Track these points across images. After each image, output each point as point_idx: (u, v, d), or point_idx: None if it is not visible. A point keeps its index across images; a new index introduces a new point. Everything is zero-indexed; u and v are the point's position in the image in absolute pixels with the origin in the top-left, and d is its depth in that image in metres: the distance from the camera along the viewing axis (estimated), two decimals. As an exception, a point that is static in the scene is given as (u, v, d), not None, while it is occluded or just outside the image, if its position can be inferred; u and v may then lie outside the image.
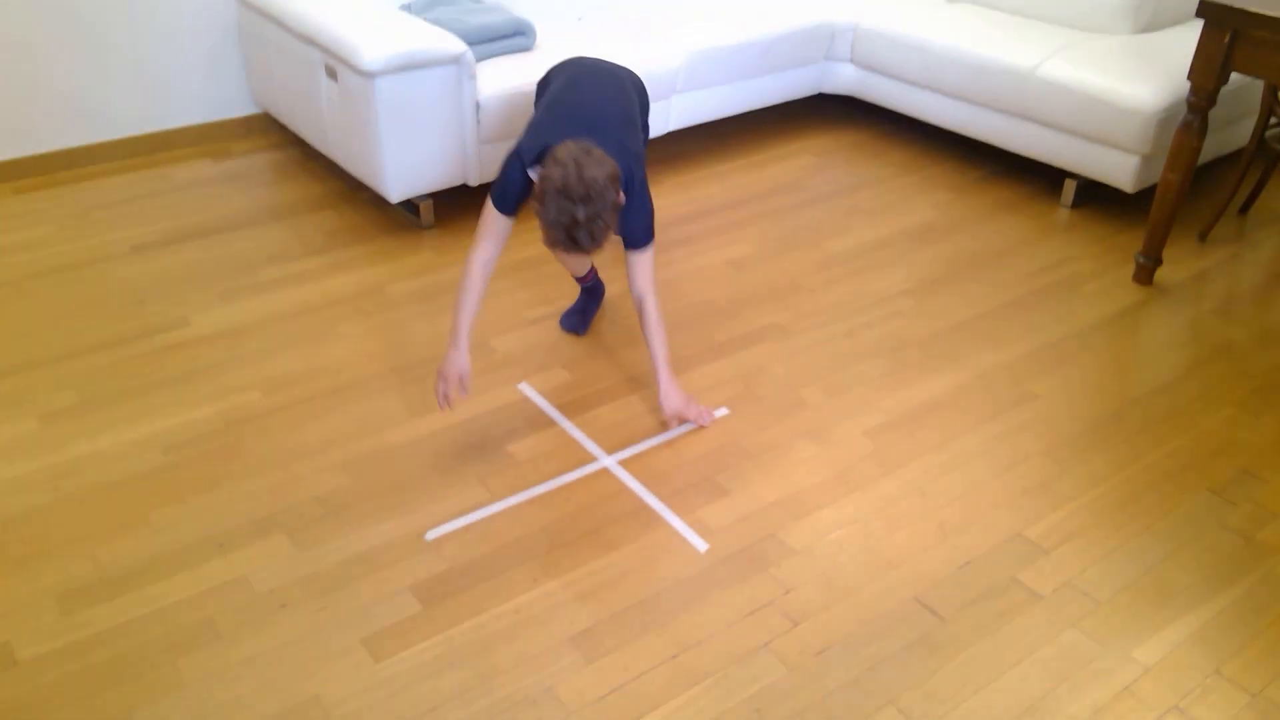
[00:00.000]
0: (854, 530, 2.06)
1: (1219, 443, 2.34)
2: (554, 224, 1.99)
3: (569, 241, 2.02)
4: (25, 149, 3.38)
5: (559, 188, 1.96)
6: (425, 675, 1.72)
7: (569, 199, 1.96)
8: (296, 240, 3.08)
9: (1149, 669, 1.78)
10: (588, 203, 1.97)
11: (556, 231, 2.00)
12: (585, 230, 1.99)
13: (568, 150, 2.01)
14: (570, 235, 2.00)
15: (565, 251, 2.09)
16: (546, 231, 2.03)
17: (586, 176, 1.97)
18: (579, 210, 1.97)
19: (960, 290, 2.93)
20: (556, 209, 1.97)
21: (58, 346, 2.55)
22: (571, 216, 1.97)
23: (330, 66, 2.99)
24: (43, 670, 1.71)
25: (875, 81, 3.84)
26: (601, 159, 2.01)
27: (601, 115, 2.22)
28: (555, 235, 2.01)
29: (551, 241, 2.04)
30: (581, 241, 2.01)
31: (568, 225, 1.98)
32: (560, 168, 1.98)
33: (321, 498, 2.10)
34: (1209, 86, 2.69)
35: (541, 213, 2.00)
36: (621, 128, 2.24)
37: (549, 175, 1.99)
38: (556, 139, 2.08)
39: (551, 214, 1.98)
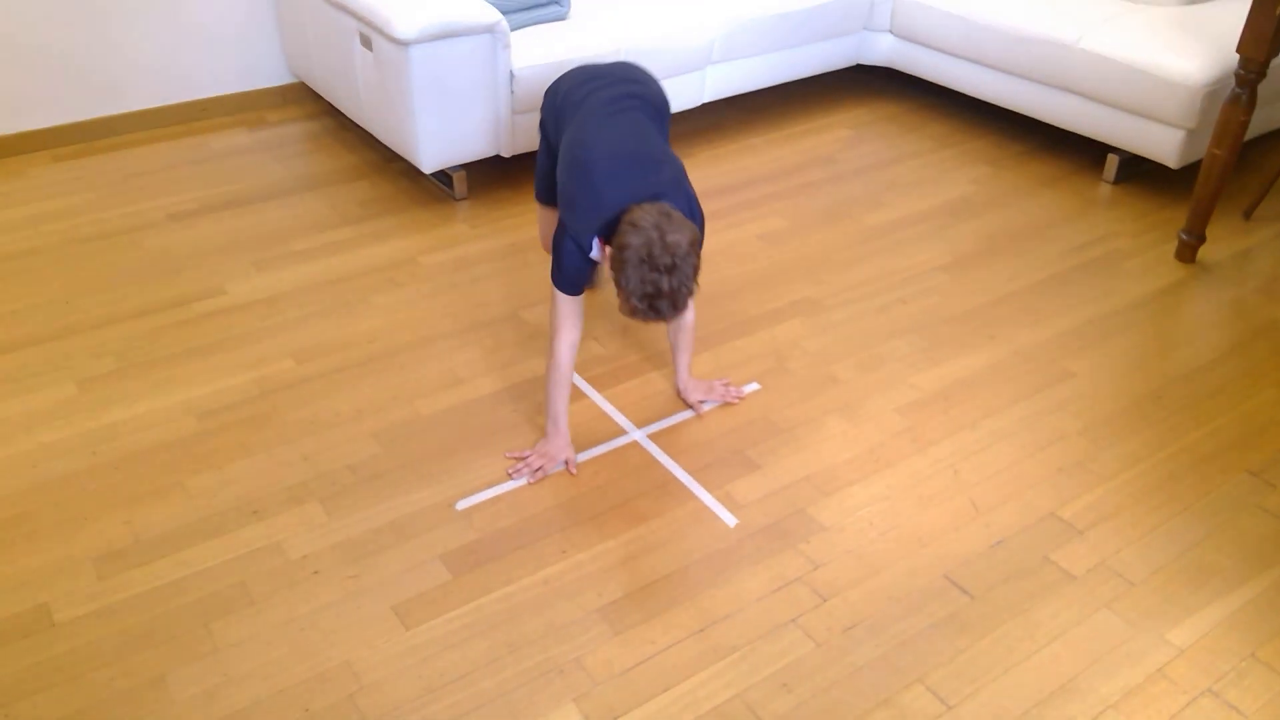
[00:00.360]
0: (885, 507, 2.05)
1: (1260, 424, 2.30)
2: (637, 295, 1.84)
3: (650, 312, 1.86)
4: (63, 117, 3.41)
5: (643, 258, 1.81)
6: (454, 643, 1.74)
7: (654, 269, 1.81)
8: (331, 210, 3.09)
9: (1183, 651, 1.76)
10: (673, 272, 1.82)
11: (639, 303, 1.85)
12: (669, 300, 1.84)
13: (647, 217, 1.84)
14: (654, 306, 1.85)
15: (643, 321, 1.92)
16: (627, 303, 1.86)
17: (670, 242, 1.82)
18: (664, 281, 1.82)
19: (998, 266, 2.88)
20: (639, 280, 1.82)
21: (96, 313, 2.58)
22: (656, 287, 1.82)
23: (365, 35, 2.99)
24: (79, 632, 1.74)
25: (914, 52, 3.78)
26: (681, 223, 1.85)
27: (652, 164, 2.01)
28: (637, 306, 1.86)
29: (631, 311, 1.88)
30: (664, 312, 1.86)
31: (652, 296, 1.83)
32: (641, 235, 1.82)
33: (354, 466, 2.11)
34: (1259, 59, 2.62)
35: (623, 282, 1.85)
36: (673, 168, 2.03)
37: (629, 245, 1.82)
38: (614, 207, 1.91)
39: (634, 285, 1.83)
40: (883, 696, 1.67)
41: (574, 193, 2.00)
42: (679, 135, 3.63)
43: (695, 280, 1.87)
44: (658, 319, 1.89)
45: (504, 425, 2.24)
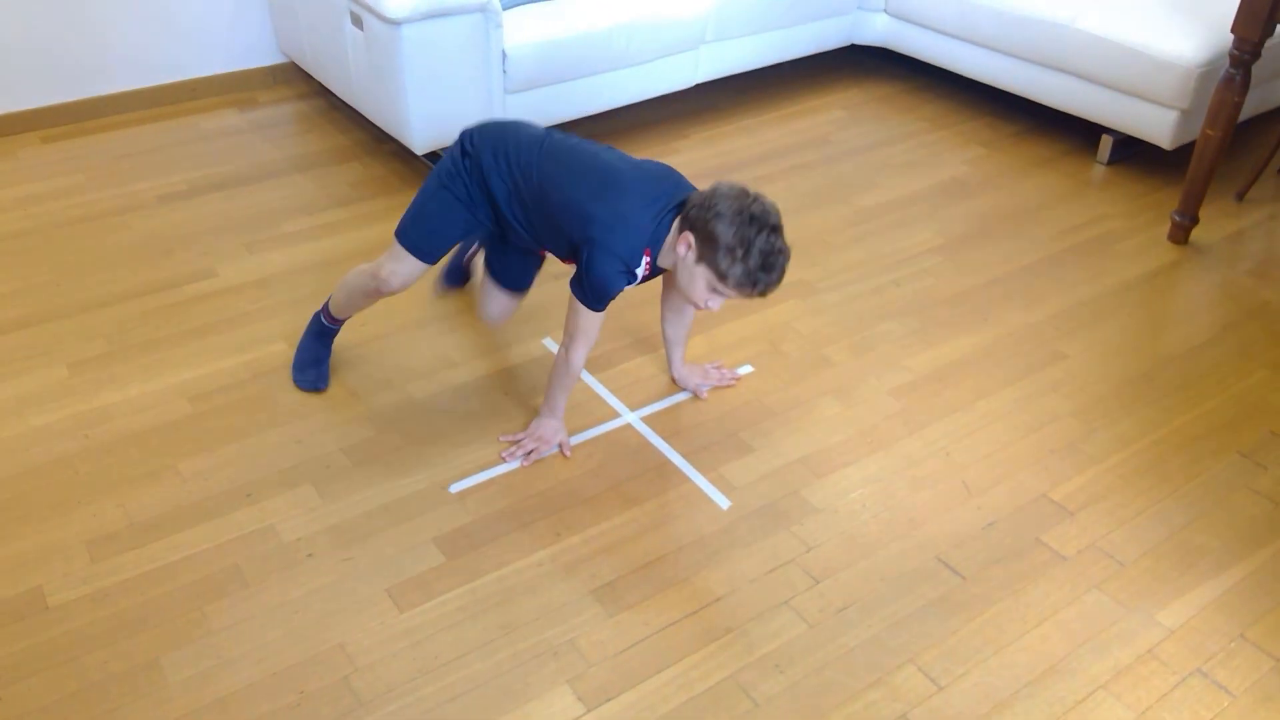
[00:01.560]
0: (877, 489, 2.05)
1: (1250, 406, 2.31)
2: (757, 262, 1.74)
3: (772, 276, 1.76)
4: (53, 97, 3.38)
5: (749, 219, 1.73)
6: (448, 626, 1.74)
7: (765, 228, 1.74)
8: (322, 192, 3.08)
9: (1172, 632, 1.77)
10: (781, 231, 1.77)
11: (760, 271, 1.75)
12: (786, 258, 1.77)
13: (725, 190, 1.78)
14: (774, 266, 1.76)
15: (753, 295, 1.80)
16: (738, 264, 1.74)
17: (766, 204, 1.77)
18: (778, 240, 1.76)
19: (991, 248, 2.88)
20: (754, 245, 1.73)
21: (87, 295, 2.57)
22: (772, 246, 1.75)
23: (356, 14, 2.96)
24: (72, 615, 1.74)
25: (909, 32, 3.76)
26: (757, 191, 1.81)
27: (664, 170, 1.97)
28: (757, 276, 1.75)
29: (746, 283, 1.76)
30: (781, 272, 1.78)
31: (770, 254, 1.74)
32: (734, 204, 1.75)
33: (347, 449, 2.11)
34: (1253, 39, 2.62)
35: (732, 256, 1.74)
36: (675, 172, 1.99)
37: (722, 214, 1.74)
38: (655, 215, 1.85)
39: (751, 251, 1.73)
40: (875, 677, 1.68)
41: (608, 214, 1.84)
42: (672, 116, 3.61)
43: None
44: (773, 285, 1.78)
45: (497, 408, 2.24)
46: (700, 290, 1.83)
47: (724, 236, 1.74)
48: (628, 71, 3.30)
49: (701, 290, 1.83)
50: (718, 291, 1.82)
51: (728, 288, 1.79)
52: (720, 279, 1.79)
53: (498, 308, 2.25)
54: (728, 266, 1.76)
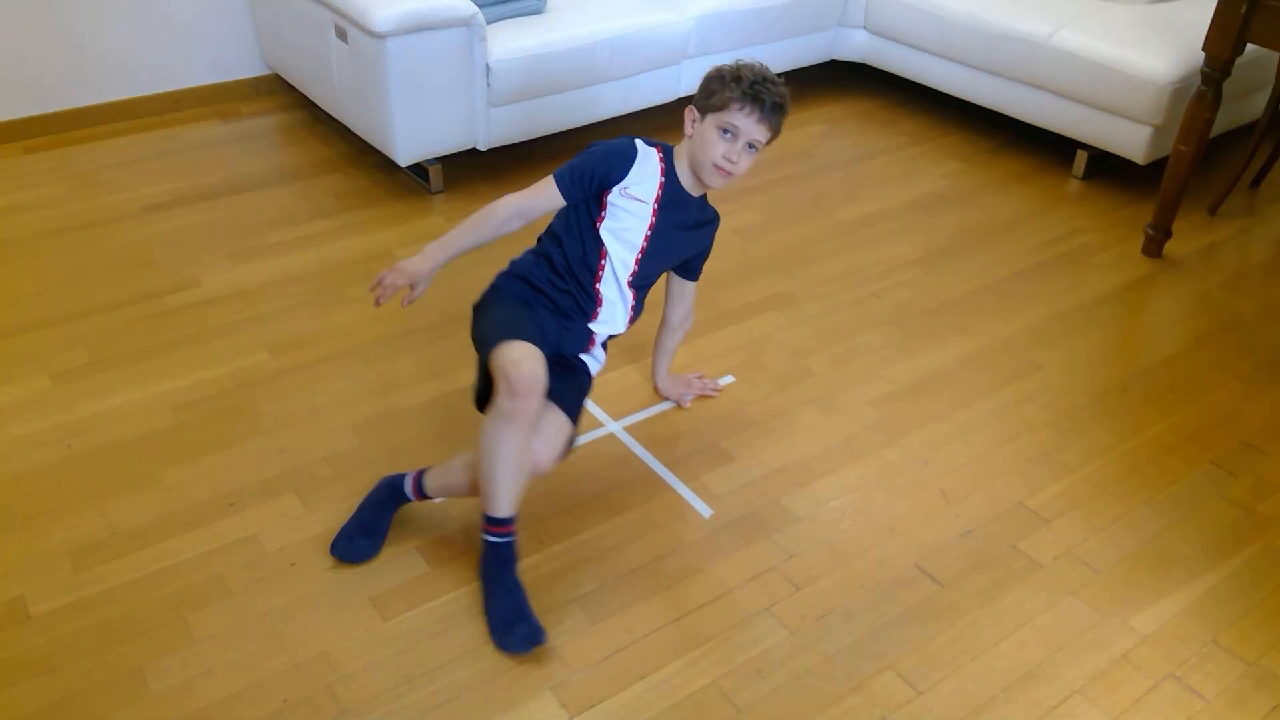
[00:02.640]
0: (857, 498, 2.08)
1: (1222, 416, 2.35)
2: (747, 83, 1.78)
3: (764, 89, 1.78)
4: (36, 108, 3.38)
5: (734, 67, 1.82)
6: (432, 634, 1.75)
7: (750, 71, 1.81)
8: (306, 203, 3.09)
9: (1146, 637, 1.80)
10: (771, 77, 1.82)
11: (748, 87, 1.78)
12: (777, 88, 1.81)
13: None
14: (763, 87, 1.79)
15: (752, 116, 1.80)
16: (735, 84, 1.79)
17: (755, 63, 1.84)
18: (763, 70, 1.81)
19: (968, 261, 2.92)
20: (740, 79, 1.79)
21: (69, 305, 2.56)
22: (760, 75, 1.80)
23: (340, 27, 2.98)
24: (55, 625, 1.74)
25: (888, 48, 3.81)
26: None
27: None
28: (747, 81, 1.79)
29: (743, 89, 1.78)
30: (774, 96, 1.80)
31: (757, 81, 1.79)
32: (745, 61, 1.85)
33: (330, 459, 2.12)
34: (1224, 57, 2.67)
35: (724, 79, 1.81)
36: None
37: (713, 73, 1.84)
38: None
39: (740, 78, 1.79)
40: (854, 682, 1.70)
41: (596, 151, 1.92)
42: (655, 129, 3.64)
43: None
44: (777, 93, 1.81)
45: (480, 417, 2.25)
46: (715, 143, 1.83)
47: (713, 80, 1.83)
48: (611, 85, 3.33)
49: (716, 142, 1.83)
50: (731, 131, 1.82)
51: (732, 114, 1.80)
52: (723, 109, 1.81)
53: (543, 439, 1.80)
54: (725, 94, 1.80)
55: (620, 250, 1.91)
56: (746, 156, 1.85)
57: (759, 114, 1.80)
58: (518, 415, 1.66)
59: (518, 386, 1.64)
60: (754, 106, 1.80)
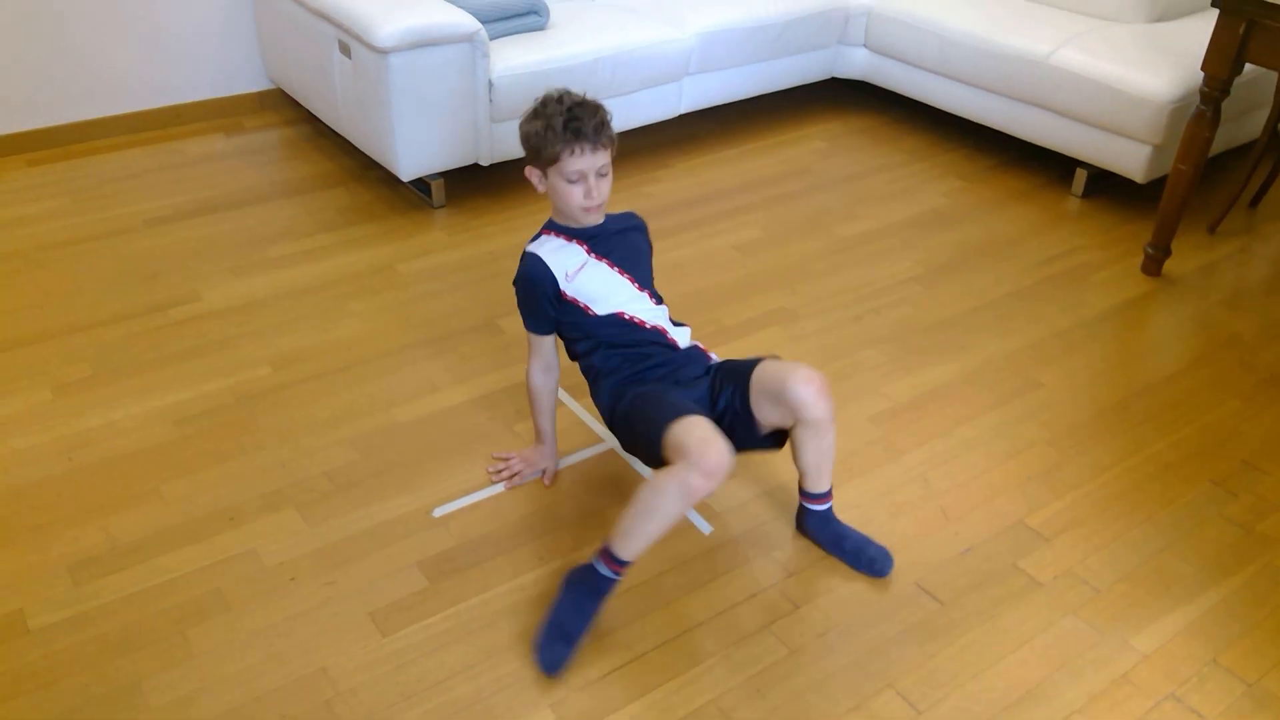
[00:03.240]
0: (857, 515, 2.08)
1: (1222, 434, 2.35)
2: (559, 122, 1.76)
3: (572, 121, 1.75)
4: (39, 121, 3.39)
5: (542, 100, 1.81)
6: (431, 650, 1.75)
7: (559, 97, 1.79)
8: (308, 217, 3.10)
9: (1146, 657, 1.80)
10: (568, 94, 1.81)
11: (562, 128, 1.76)
12: (585, 108, 1.77)
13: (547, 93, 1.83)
14: (574, 115, 1.76)
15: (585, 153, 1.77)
16: (549, 132, 1.77)
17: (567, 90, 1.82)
18: (565, 98, 1.79)
19: (968, 278, 2.93)
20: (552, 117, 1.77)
21: (71, 318, 2.57)
22: (570, 100, 1.78)
23: (344, 42, 3.00)
24: (54, 639, 1.74)
25: (888, 66, 3.83)
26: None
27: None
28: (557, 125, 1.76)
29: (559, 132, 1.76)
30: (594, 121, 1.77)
31: (569, 107, 1.77)
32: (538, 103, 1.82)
33: (331, 473, 2.12)
34: (1223, 77, 2.68)
35: (539, 132, 1.79)
36: None
37: (522, 124, 1.83)
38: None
39: (552, 120, 1.77)
40: (854, 702, 1.70)
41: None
42: (657, 146, 3.66)
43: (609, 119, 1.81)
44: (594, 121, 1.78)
45: (481, 432, 2.25)
46: (570, 192, 1.83)
47: (530, 130, 1.80)
48: (612, 101, 3.33)
49: (570, 190, 1.83)
50: (574, 176, 1.81)
51: (567, 161, 1.78)
52: (555, 160, 1.80)
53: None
54: (549, 145, 1.78)
55: (615, 291, 1.95)
56: (603, 183, 1.85)
57: (589, 146, 1.79)
58: (699, 494, 1.63)
59: (710, 468, 1.61)
60: (581, 143, 1.78)
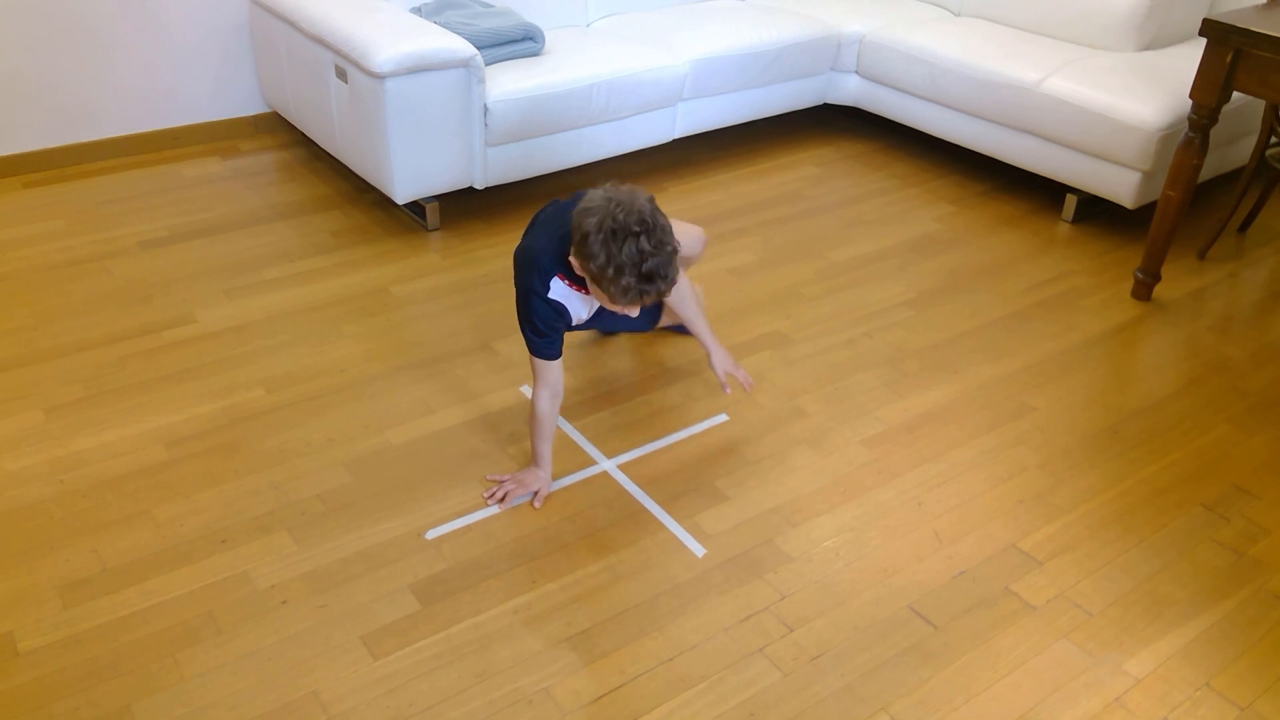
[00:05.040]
0: (850, 538, 2.08)
1: (1213, 459, 2.36)
2: (630, 273, 1.73)
3: (646, 284, 1.74)
4: (36, 143, 3.40)
5: (611, 231, 1.72)
6: (423, 673, 1.74)
7: (626, 235, 1.72)
8: (303, 240, 3.10)
9: (1139, 681, 1.80)
10: (649, 232, 1.73)
11: (633, 281, 1.74)
12: (657, 261, 1.74)
13: (593, 196, 1.77)
14: (647, 276, 1.74)
15: (638, 304, 1.81)
16: (621, 290, 1.75)
17: (630, 206, 1.73)
18: (643, 242, 1.72)
19: (960, 302, 2.95)
20: (620, 256, 1.72)
21: (64, 340, 2.57)
22: (639, 252, 1.72)
23: (340, 67, 3.02)
24: (43, 661, 1.73)
25: (880, 93, 3.87)
26: (631, 188, 1.77)
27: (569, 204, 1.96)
28: (631, 285, 1.74)
29: (625, 292, 1.76)
30: (660, 278, 1.75)
31: (638, 262, 1.72)
32: (596, 214, 1.74)
33: (323, 495, 2.11)
34: (1210, 105, 2.72)
35: (605, 272, 1.75)
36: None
37: (589, 230, 1.74)
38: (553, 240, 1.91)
39: (621, 263, 1.72)
40: (847, 725, 1.69)
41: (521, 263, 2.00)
42: (649, 170, 3.68)
43: (673, 237, 1.79)
44: (656, 290, 1.78)
45: (474, 455, 2.25)
46: (609, 305, 1.88)
47: (596, 258, 1.76)
48: (607, 126, 3.36)
49: (609, 305, 1.88)
50: (614, 304, 1.85)
51: (615, 300, 1.82)
52: (611, 301, 1.84)
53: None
54: (610, 288, 1.79)
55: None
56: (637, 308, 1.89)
57: (647, 302, 1.84)
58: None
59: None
60: (641, 299, 1.81)
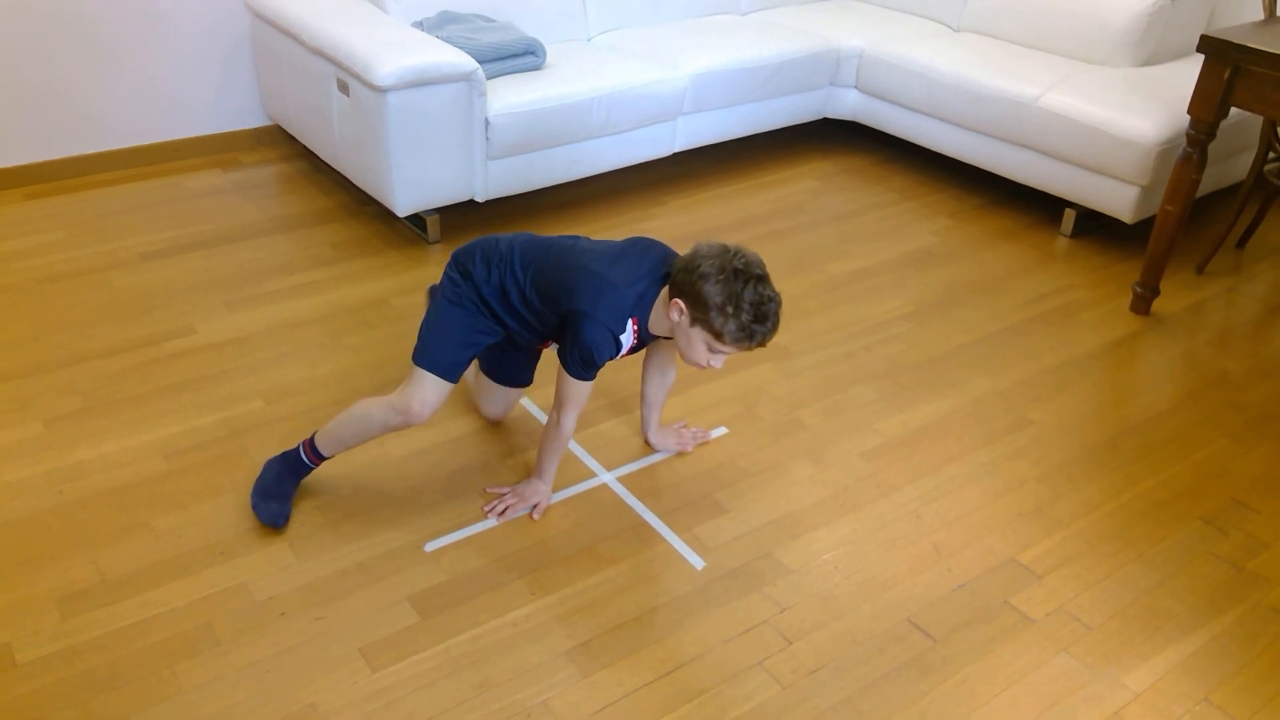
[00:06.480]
0: (849, 551, 2.08)
1: (1211, 472, 2.36)
2: (750, 314, 1.78)
3: (763, 327, 1.80)
4: (37, 155, 3.42)
5: (734, 273, 1.77)
6: (421, 686, 1.74)
7: (750, 279, 1.78)
8: (303, 252, 3.11)
9: (1138, 695, 1.80)
10: (768, 281, 1.81)
11: (753, 323, 1.79)
12: (776, 306, 1.81)
13: (706, 249, 1.82)
14: (765, 317, 1.80)
15: (745, 345, 1.83)
16: (732, 320, 1.79)
17: (748, 257, 1.80)
18: (766, 289, 1.79)
19: (958, 316, 2.95)
20: (743, 299, 1.77)
21: (65, 351, 2.57)
22: (761, 296, 1.78)
23: (342, 80, 3.03)
24: (41, 673, 1.72)
25: (879, 107, 3.88)
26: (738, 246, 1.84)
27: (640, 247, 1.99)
28: (751, 327, 1.79)
29: (738, 329, 1.79)
30: (774, 321, 1.82)
31: (760, 304, 1.78)
32: (717, 261, 1.79)
33: (322, 507, 2.11)
34: (1208, 120, 2.73)
35: (723, 312, 1.78)
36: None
37: (708, 275, 1.78)
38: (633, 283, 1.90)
39: (742, 306, 1.77)
40: (846, 739, 1.69)
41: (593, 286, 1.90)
42: (649, 183, 3.69)
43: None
44: (764, 333, 1.82)
45: (473, 467, 2.25)
46: (701, 352, 1.88)
47: (713, 296, 1.79)
48: (607, 140, 3.38)
49: (702, 352, 1.88)
50: (717, 350, 1.87)
51: (725, 345, 1.84)
52: (717, 338, 1.83)
53: (502, 404, 2.33)
54: (722, 325, 1.80)
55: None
56: (725, 359, 1.91)
57: (753, 347, 1.85)
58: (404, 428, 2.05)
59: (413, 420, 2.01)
60: (750, 342, 1.83)
